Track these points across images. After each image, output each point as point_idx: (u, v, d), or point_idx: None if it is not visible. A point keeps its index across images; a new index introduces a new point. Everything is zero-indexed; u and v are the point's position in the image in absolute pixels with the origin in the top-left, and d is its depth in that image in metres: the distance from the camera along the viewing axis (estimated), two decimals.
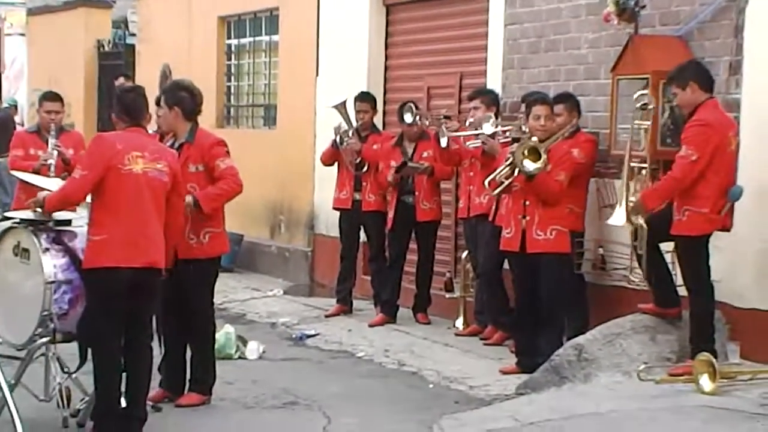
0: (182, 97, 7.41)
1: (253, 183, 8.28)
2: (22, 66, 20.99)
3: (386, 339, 9.72)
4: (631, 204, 7.34)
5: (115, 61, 18.16)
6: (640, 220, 7.31)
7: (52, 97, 9.63)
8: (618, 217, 7.46)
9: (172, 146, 7.24)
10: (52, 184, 7.11)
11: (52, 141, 9.21)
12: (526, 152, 7.96)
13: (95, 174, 6.41)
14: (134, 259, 6.37)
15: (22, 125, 18.88)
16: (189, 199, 7.15)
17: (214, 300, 7.65)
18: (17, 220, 6.91)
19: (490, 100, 9.43)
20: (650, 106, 7.59)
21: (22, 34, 20.79)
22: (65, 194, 6.56)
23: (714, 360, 6.87)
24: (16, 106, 20.02)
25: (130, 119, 6.64)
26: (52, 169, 9.12)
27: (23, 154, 9.25)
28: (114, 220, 6.40)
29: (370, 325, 10.24)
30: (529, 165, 7.95)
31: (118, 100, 6.80)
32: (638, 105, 7.60)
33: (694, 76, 7.25)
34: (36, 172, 8.74)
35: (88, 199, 6.60)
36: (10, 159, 9.48)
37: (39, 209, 6.67)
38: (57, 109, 9.53)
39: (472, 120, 9.49)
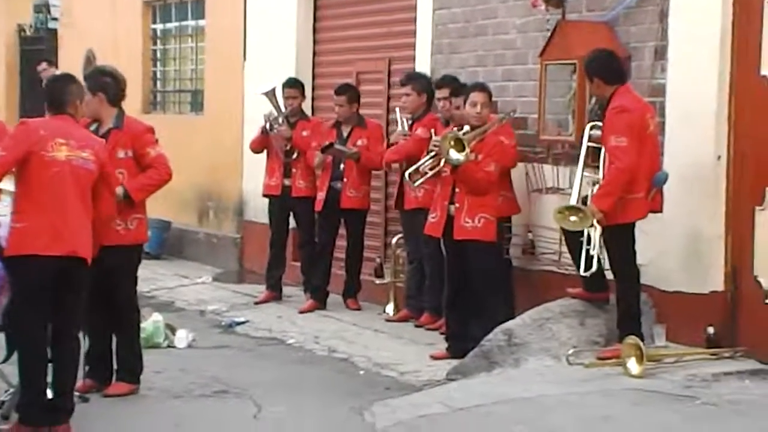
0: (106, 83, 7.33)
1: (182, 169, 8.19)
2: None
3: (316, 325, 9.70)
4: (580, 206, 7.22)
5: (37, 46, 17.88)
6: (595, 222, 7.22)
7: None
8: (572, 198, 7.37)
9: (95, 132, 7.13)
10: None
11: None
12: (452, 143, 7.96)
13: (13, 156, 6.29)
14: (56, 247, 6.28)
15: None
16: (119, 190, 7.07)
17: (143, 288, 7.58)
18: None
19: (421, 86, 9.40)
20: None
21: None
22: None
23: (641, 343, 6.93)
24: None
25: (55, 108, 6.54)
26: None
27: None
28: (36, 207, 6.30)
29: (300, 312, 10.21)
30: (454, 155, 7.95)
31: (44, 88, 6.72)
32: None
33: (597, 72, 7.34)
34: None
35: (12, 187, 6.48)
36: None
37: None
38: None
39: (402, 105, 9.49)
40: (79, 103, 6.58)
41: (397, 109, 9.61)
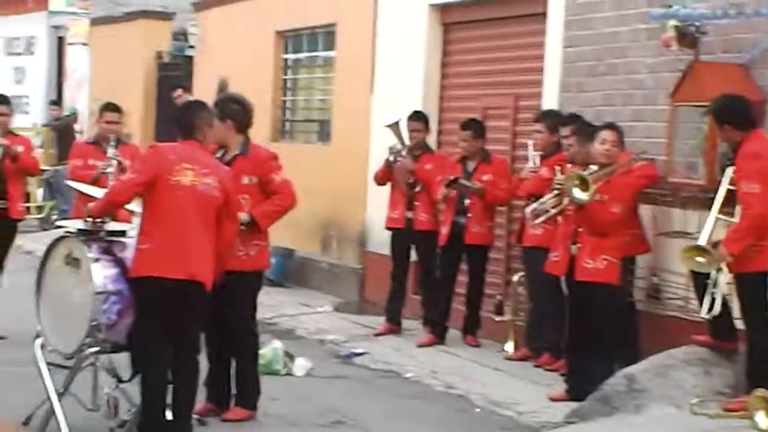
0: (235, 110, 7.43)
1: (306, 198, 8.25)
2: (84, 75, 21.17)
3: (434, 360, 9.62)
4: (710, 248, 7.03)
5: (173, 72, 18.25)
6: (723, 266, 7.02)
7: (112, 108, 9.68)
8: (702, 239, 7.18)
9: (221, 159, 7.23)
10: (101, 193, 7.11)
11: (111, 151, 9.25)
12: (576, 182, 7.83)
13: (142, 179, 6.45)
14: (176, 270, 6.36)
15: (82, 134, 19.06)
16: (245, 216, 7.13)
17: (264, 314, 7.62)
18: (70, 230, 6.94)
19: (553, 124, 9.25)
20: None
21: (85, 44, 20.95)
22: (111, 195, 6.65)
23: None
24: (76, 115, 20.23)
25: (185, 133, 6.66)
26: (111, 178, 9.13)
27: (82, 164, 9.30)
28: (159, 230, 6.41)
29: (419, 346, 10.13)
30: (578, 194, 7.82)
31: (176, 114, 6.84)
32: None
33: (728, 119, 7.15)
34: (95, 181, 8.76)
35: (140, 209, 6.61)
36: (69, 169, 9.55)
37: (89, 218, 6.69)
38: (116, 119, 9.58)
39: (532, 143, 9.39)
40: (207, 129, 6.67)
41: (530, 145, 9.49)
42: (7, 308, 9.58)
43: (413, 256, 10.72)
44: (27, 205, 13.17)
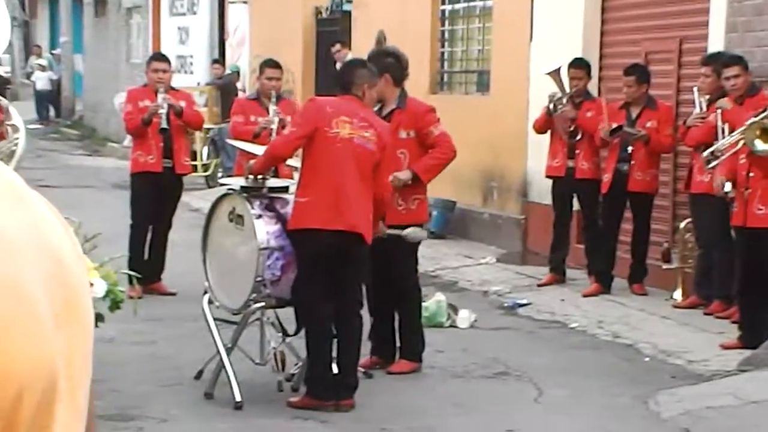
0: (389, 63, 7.41)
1: (466, 150, 8.17)
2: (244, 34, 21.44)
3: (600, 310, 9.47)
4: None
5: (331, 27, 18.32)
6: None
7: (272, 64, 9.74)
8: None
9: (378, 113, 7.20)
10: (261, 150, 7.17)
11: (272, 107, 9.30)
12: (757, 132, 7.55)
13: (303, 132, 6.49)
14: (335, 221, 6.38)
15: (244, 91, 19.33)
16: (407, 173, 7.15)
17: (427, 267, 7.62)
18: (233, 187, 7.05)
19: (721, 66, 8.89)
20: None
21: (245, 2, 21.21)
22: (273, 149, 6.72)
23: None
24: (238, 73, 20.52)
25: (344, 88, 6.69)
26: (273, 134, 9.22)
27: (243, 120, 9.38)
28: (317, 182, 6.44)
29: (584, 295, 9.99)
30: (761, 146, 7.53)
31: (338, 71, 6.93)
32: None
33: None
34: (256, 136, 8.84)
35: (299, 164, 6.66)
36: (231, 125, 9.66)
37: (251, 176, 6.76)
38: (277, 76, 9.64)
39: (698, 87, 9.08)
40: (367, 87, 6.65)
41: (696, 90, 9.19)
42: (176, 265, 9.82)
43: (575, 204, 10.55)
44: (192, 163, 13.44)
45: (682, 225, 9.65)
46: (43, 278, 1.07)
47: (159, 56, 10.54)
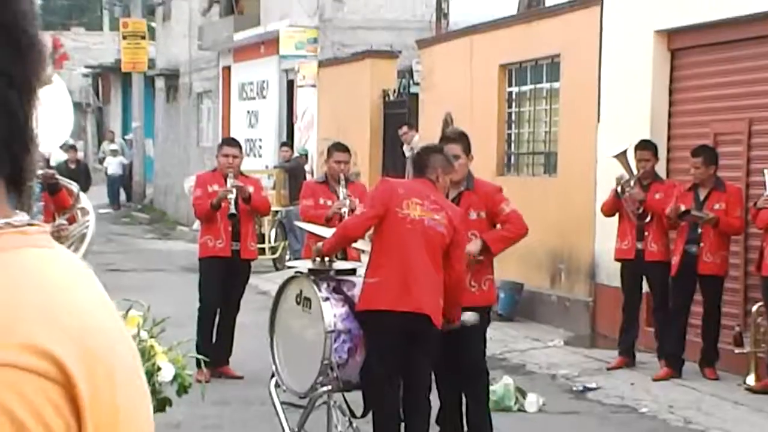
0: (468, 143, 7.50)
1: (534, 231, 8.14)
2: (313, 116, 21.71)
3: (671, 394, 9.35)
4: None
5: (399, 110, 18.48)
6: None
7: (341, 148, 9.81)
8: None
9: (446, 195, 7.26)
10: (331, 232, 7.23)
11: (342, 191, 9.36)
12: None
13: (374, 213, 6.55)
14: (404, 303, 6.40)
15: (312, 174, 19.53)
16: (477, 244, 7.14)
17: (494, 350, 7.58)
18: (300, 269, 7.12)
19: None
20: None
21: (314, 86, 21.51)
22: (344, 230, 6.77)
23: None
24: (306, 155, 20.75)
25: (418, 171, 6.82)
26: (344, 218, 9.27)
27: (313, 203, 9.45)
28: (387, 263, 6.48)
29: (654, 379, 9.88)
30: None
31: (413, 156, 7.09)
32: None
33: None
34: (328, 220, 8.91)
35: (367, 247, 6.69)
36: (301, 208, 9.71)
37: (318, 258, 6.84)
38: (345, 159, 9.70)
39: None
40: (441, 172, 6.71)
41: (765, 173, 9.15)
42: (243, 347, 9.87)
43: (645, 287, 10.47)
44: (260, 246, 13.55)
45: (754, 308, 9.53)
46: (132, 355, 1.16)
47: (230, 141, 10.66)
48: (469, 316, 6.95)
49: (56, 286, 1.11)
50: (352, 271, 6.97)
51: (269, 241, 19.06)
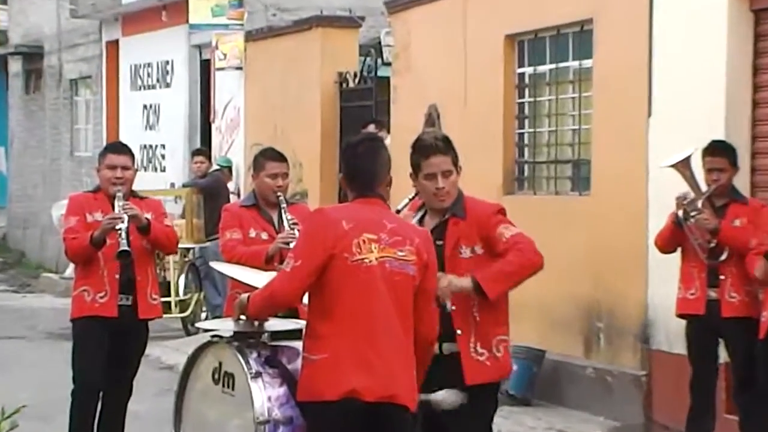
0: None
1: (558, 273, 8.12)
2: (238, 112, 21.68)
3: None
4: None
5: (362, 101, 18.49)
6: None
7: (275, 156, 9.78)
8: None
9: (420, 224, 7.32)
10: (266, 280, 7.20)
11: (285, 217, 9.38)
12: None
13: (311, 265, 6.50)
14: (366, 389, 6.41)
15: (238, 195, 19.47)
16: (466, 282, 7.19)
17: None
18: (220, 333, 7.13)
19: None
20: None
21: (239, 68, 21.45)
22: (271, 293, 6.70)
23: None
24: (230, 169, 20.70)
25: (359, 186, 6.73)
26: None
27: (241, 236, 9.41)
28: (337, 332, 6.46)
29: None
30: None
31: (342, 156, 6.96)
32: None
33: None
34: (269, 261, 8.95)
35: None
36: (223, 244, 9.57)
37: (243, 316, 6.83)
38: (283, 171, 9.68)
39: None
40: (388, 178, 6.77)
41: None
42: None
43: (722, 354, 10.46)
44: (164, 299, 13.42)
45: None
46: None
47: (117, 147, 10.57)
48: (446, 396, 6.92)
49: None
50: (296, 334, 6.92)
51: (176, 293, 18.96)
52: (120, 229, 9.62)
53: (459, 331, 7.27)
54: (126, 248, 9.58)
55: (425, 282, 6.66)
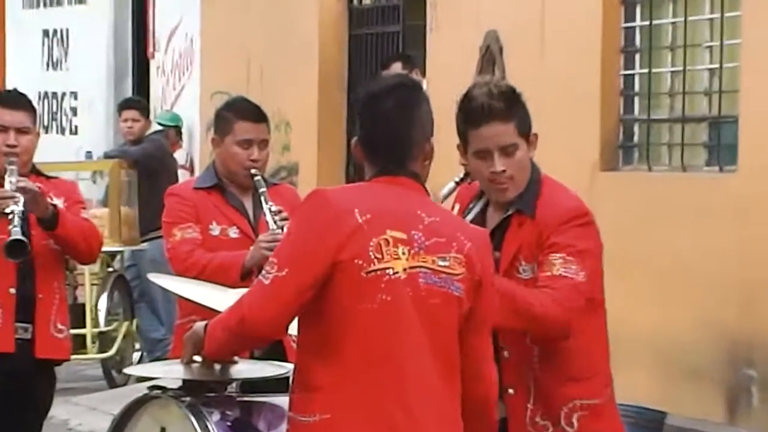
0: (528, 115, 7.56)
1: (687, 294, 8.07)
2: (192, 43, 21.78)
3: None
4: None
5: (383, 26, 18.52)
6: None
7: (250, 112, 9.86)
8: None
9: (480, 215, 7.46)
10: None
11: (265, 206, 9.48)
12: None
13: (304, 276, 6.47)
14: None
15: (191, 171, 19.54)
16: None
17: None
18: (161, 383, 7.23)
19: None
20: None
21: None
22: (240, 319, 6.61)
23: None
24: (178, 130, 20.77)
25: (384, 158, 6.70)
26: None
27: (197, 234, 9.54)
28: (343, 381, 6.47)
29: None
30: None
31: (360, 111, 6.86)
32: None
33: None
34: (245, 277, 9.08)
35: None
36: (170, 249, 9.63)
37: (198, 357, 6.88)
38: (258, 135, 9.78)
39: None
40: (429, 146, 6.69)
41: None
42: None
43: None
44: (76, 331, 13.44)
45: None
46: None
47: (7, 99, 10.59)
48: None
49: None
50: (280, 384, 7.01)
51: (95, 322, 18.96)
52: (12, 213, 9.66)
53: (511, 390, 7.38)
54: (20, 237, 9.62)
55: (479, 308, 6.64)
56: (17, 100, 10.41)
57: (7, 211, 9.60)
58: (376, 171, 6.66)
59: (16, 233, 9.52)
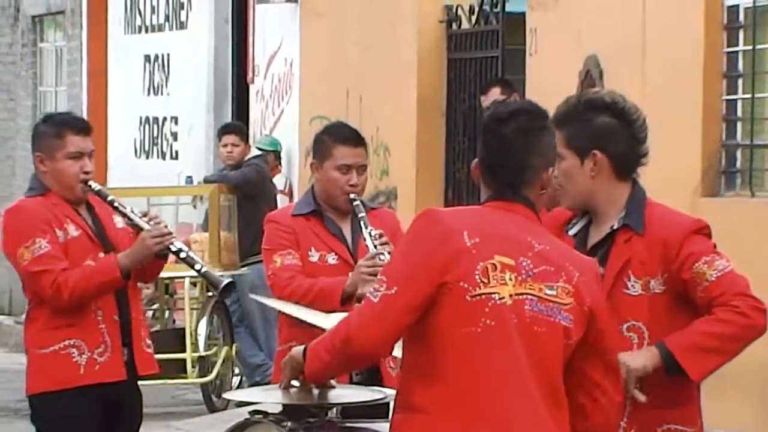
0: (607, 128, 7.56)
1: None
2: (291, 69, 21.79)
3: None
4: None
5: (480, 52, 18.51)
6: None
7: (347, 136, 9.86)
8: None
9: (582, 242, 7.39)
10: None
11: (367, 234, 9.47)
12: None
13: (413, 296, 6.49)
14: None
15: (290, 196, 19.56)
16: (648, 357, 7.26)
17: None
18: (261, 408, 7.27)
19: None
20: None
21: (294, 0, 21.62)
22: (345, 339, 6.63)
23: None
24: (277, 155, 20.78)
25: (500, 182, 6.71)
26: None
27: (299, 261, 9.56)
28: (445, 400, 6.48)
29: None
30: None
31: (483, 133, 6.84)
32: None
33: None
34: (345, 302, 9.09)
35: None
36: (271, 275, 9.65)
37: (296, 381, 6.86)
38: (357, 159, 9.79)
39: None
40: (547, 176, 6.71)
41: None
42: None
43: None
44: (176, 355, 13.45)
45: None
46: None
47: (78, 125, 10.50)
48: None
49: None
50: (382, 408, 7.03)
51: (194, 347, 18.98)
52: (181, 250, 9.80)
53: None
54: (231, 279, 9.77)
55: (590, 338, 6.63)
56: (89, 127, 10.46)
57: (174, 249, 9.72)
58: (491, 194, 6.70)
59: (222, 277, 9.75)
